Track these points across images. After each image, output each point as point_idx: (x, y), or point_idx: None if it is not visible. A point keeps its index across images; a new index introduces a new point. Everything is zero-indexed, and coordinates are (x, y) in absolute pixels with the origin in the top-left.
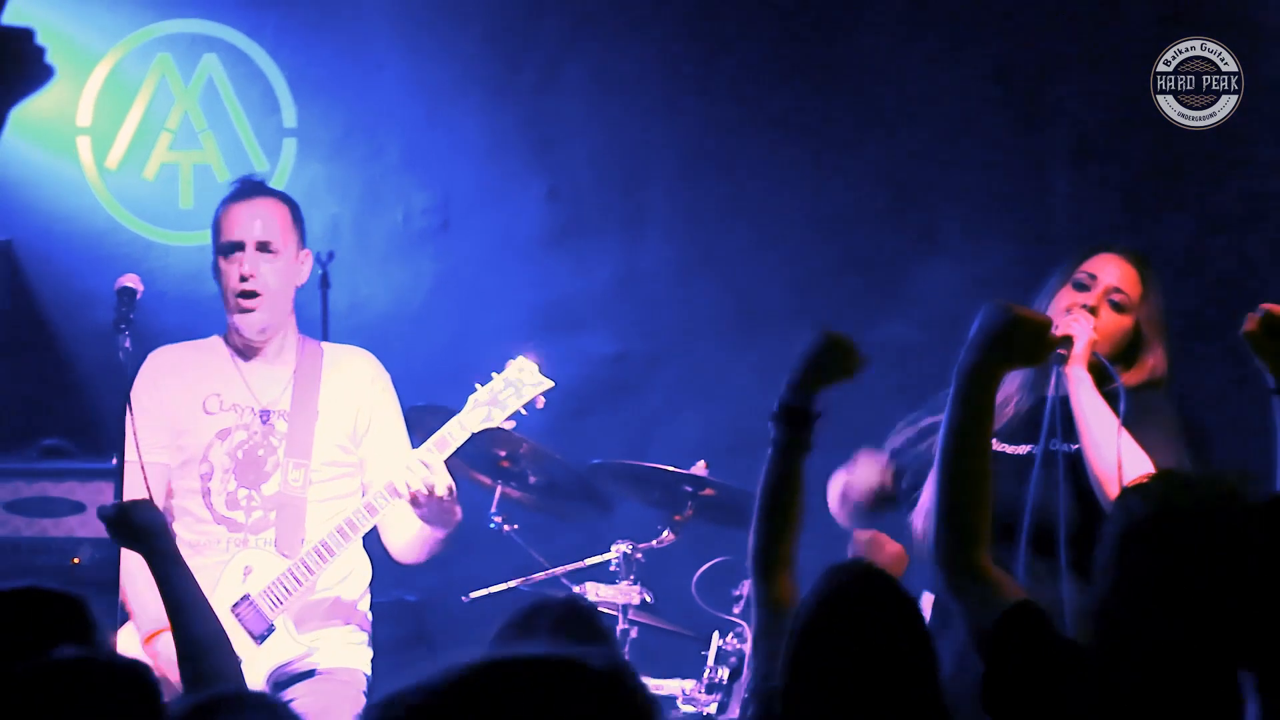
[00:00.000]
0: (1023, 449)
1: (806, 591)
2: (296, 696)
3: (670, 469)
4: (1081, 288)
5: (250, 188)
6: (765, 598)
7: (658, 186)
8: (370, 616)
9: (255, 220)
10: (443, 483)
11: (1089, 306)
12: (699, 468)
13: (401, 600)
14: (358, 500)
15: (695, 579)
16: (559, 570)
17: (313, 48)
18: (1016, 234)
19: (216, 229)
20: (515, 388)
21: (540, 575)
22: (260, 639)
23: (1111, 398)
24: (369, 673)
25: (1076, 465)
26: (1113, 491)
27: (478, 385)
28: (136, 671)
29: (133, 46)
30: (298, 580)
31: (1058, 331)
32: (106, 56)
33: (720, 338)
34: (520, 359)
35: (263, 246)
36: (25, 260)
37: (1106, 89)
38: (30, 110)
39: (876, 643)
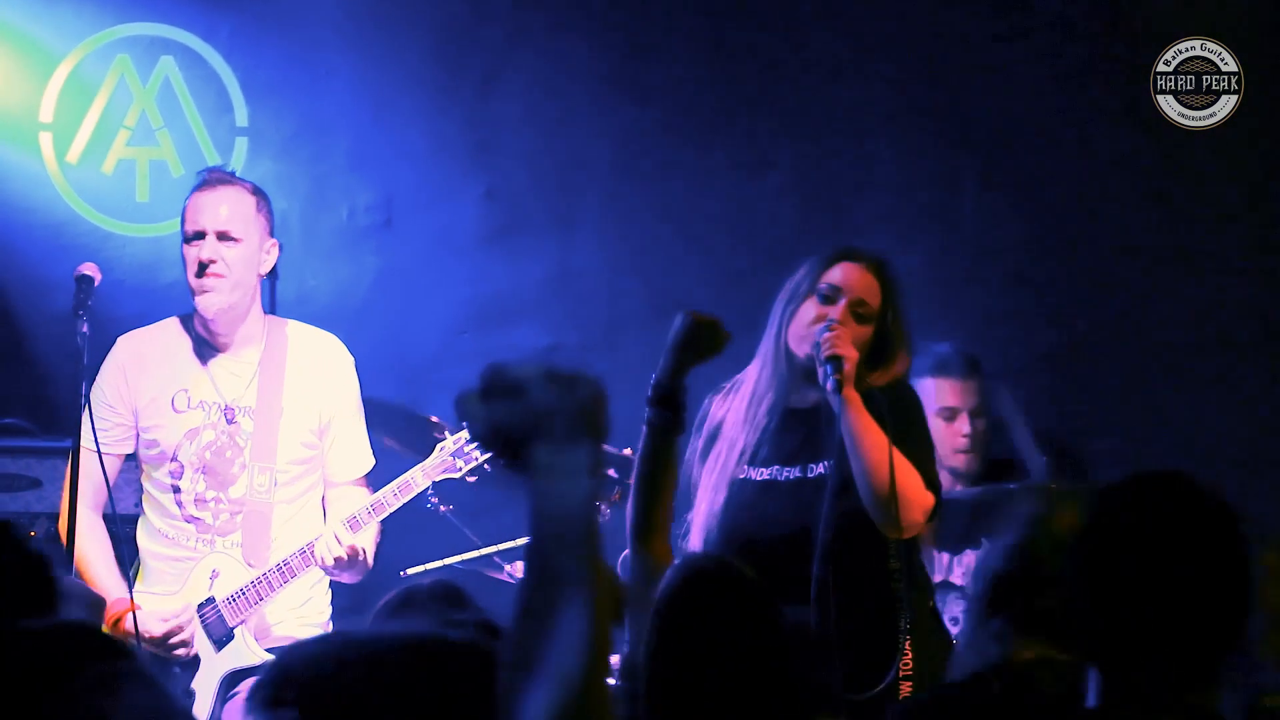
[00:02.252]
0: (765, 473)
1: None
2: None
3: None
4: (827, 300)
5: (216, 178)
6: (641, 564)
7: (590, 189)
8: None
9: (218, 208)
10: (360, 546)
11: (834, 320)
12: (626, 453)
13: None
14: (319, 492)
15: (621, 560)
16: (491, 550)
17: (265, 52)
18: (929, 237)
19: (183, 218)
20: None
21: (474, 554)
22: (219, 644)
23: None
24: None
25: (824, 487)
26: (888, 511)
27: (446, 433)
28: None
29: (94, 48)
30: (259, 595)
31: (825, 352)
32: (69, 57)
33: (647, 331)
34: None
35: (223, 235)
36: None
37: (1107, 89)
38: None
39: (730, 622)
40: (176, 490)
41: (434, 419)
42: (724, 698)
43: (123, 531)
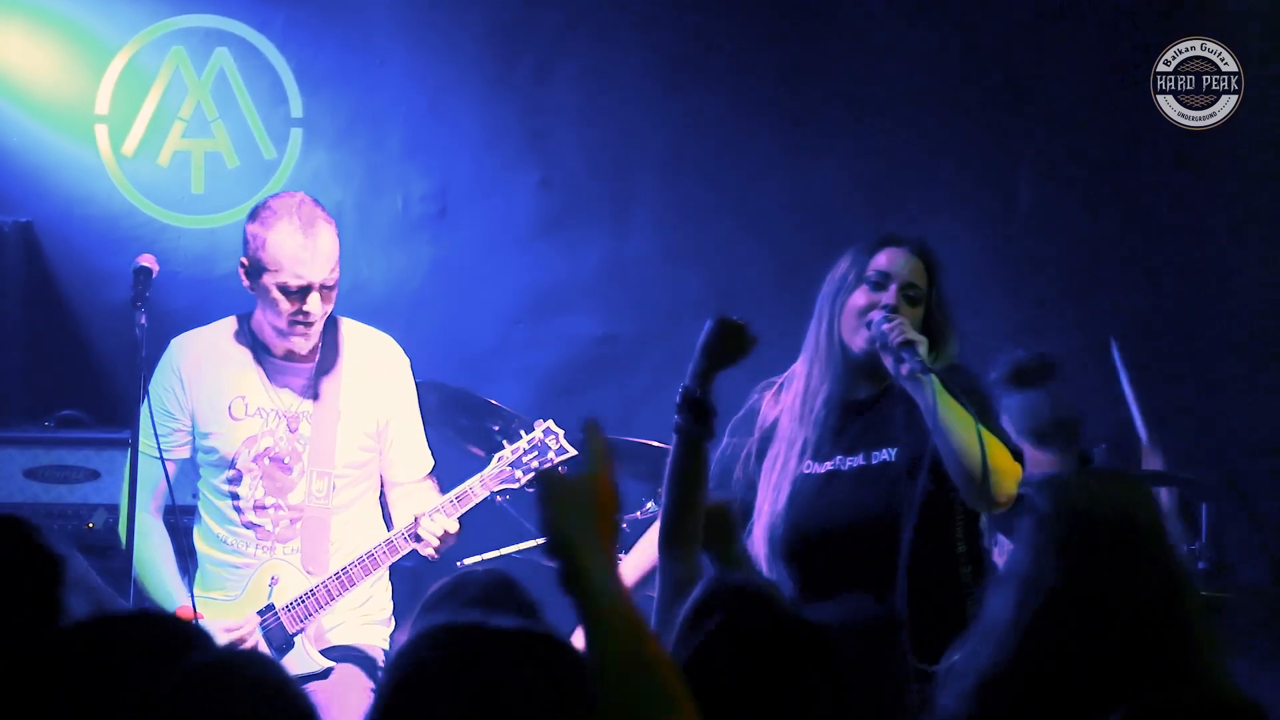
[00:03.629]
0: (827, 465)
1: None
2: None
3: (654, 444)
4: (877, 288)
5: (314, 216)
6: (669, 573)
7: (645, 177)
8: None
9: (326, 262)
10: (452, 530)
11: (890, 306)
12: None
13: (399, 565)
14: (375, 496)
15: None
16: None
17: (319, 42)
18: (981, 224)
19: (272, 255)
20: (540, 452)
21: (530, 544)
22: (280, 652)
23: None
24: (387, 648)
25: (888, 473)
26: (984, 485)
27: (505, 443)
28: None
29: (149, 39)
30: (319, 603)
31: (894, 340)
32: (124, 49)
33: (703, 321)
34: (548, 423)
35: (326, 286)
36: (46, 241)
37: (1107, 89)
38: (51, 98)
39: (759, 639)
40: (235, 497)
41: (493, 402)
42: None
43: (180, 522)
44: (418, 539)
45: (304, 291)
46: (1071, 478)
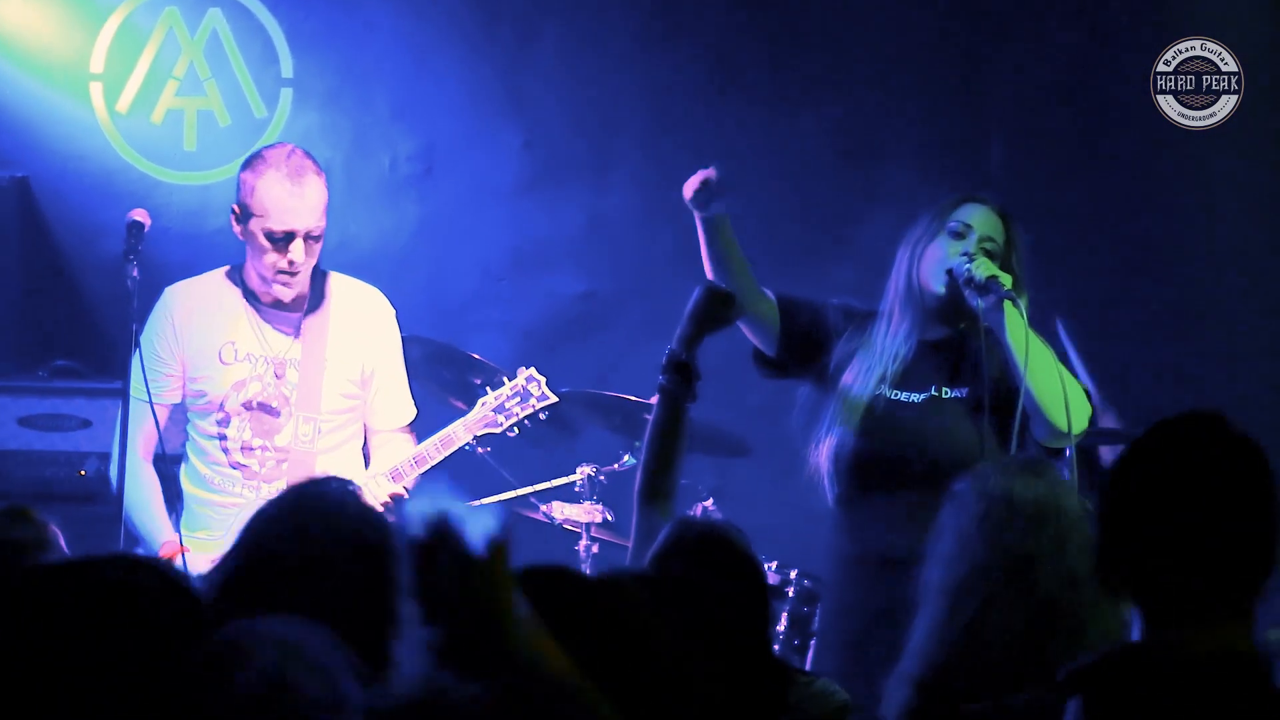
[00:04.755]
0: (899, 394)
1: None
2: None
3: (632, 398)
4: (958, 236)
5: (302, 166)
6: (643, 527)
7: (626, 137)
8: None
9: (312, 210)
10: (397, 492)
11: (969, 254)
12: (653, 402)
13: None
14: (359, 441)
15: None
16: (527, 490)
17: (310, 4)
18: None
19: (260, 203)
20: (522, 398)
21: (509, 494)
22: None
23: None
24: None
25: (959, 407)
26: (1061, 415)
27: (488, 389)
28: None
29: (144, 0)
30: None
31: (979, 274)
32: (119, 8)
33: (681, 279)
34: (530, 370)
35: (311, 236)
36: (41, 196)
37: (1107, 89)
38: (47, 56)
39: (714, 592)
40: (223, 438)
41: (475, 356)
42: (708, 654)
43: (170, 470)
44: None
45: (288, 238)
46: (991, 464)
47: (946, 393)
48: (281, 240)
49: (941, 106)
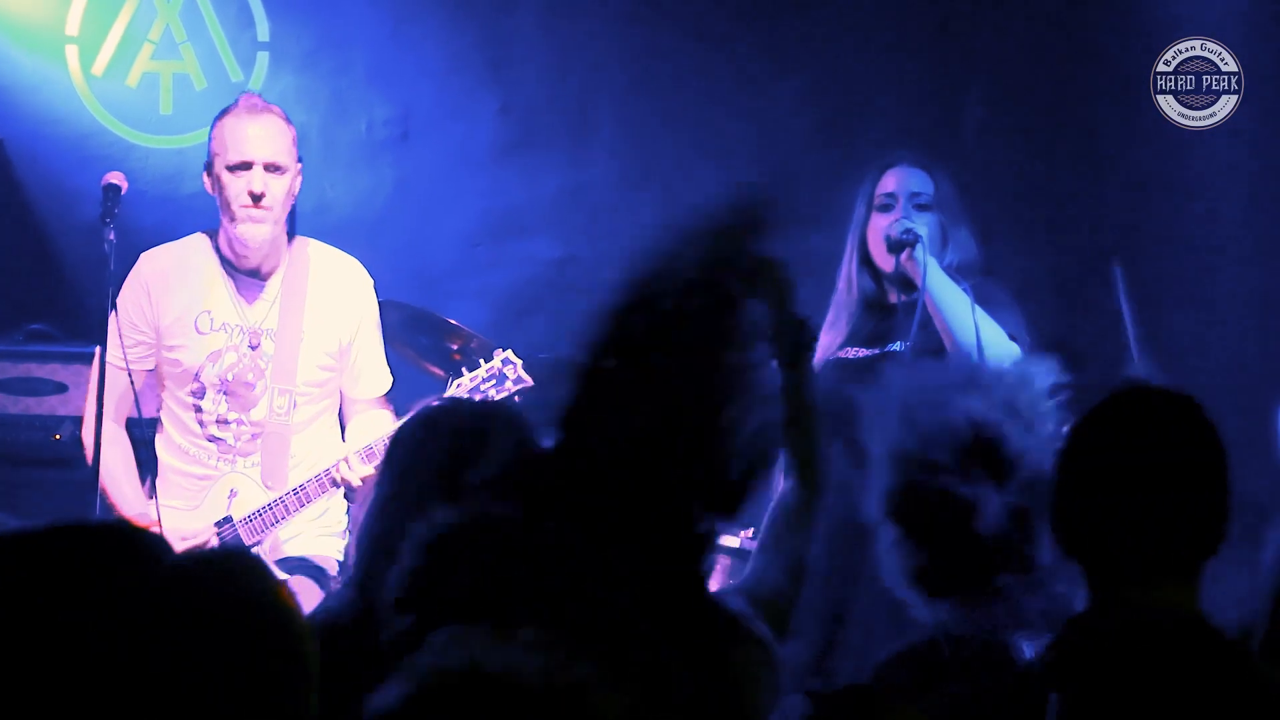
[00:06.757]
0: (849, 353)
1: None
2: None
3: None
4: (886, 209)
5: (256, 105)
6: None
7: (603, 103)
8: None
9: (266, 139)
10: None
11: (900, 219)
12: None
13: None
14: (334, 413)
15: None
16: None
17: None
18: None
19: (220, 141)
20: (497, 380)
21: None
22: None
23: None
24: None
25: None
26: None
27: (463, 370)
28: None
29: None
30: (275, 517)
31: (895, 234)
32: None
33: (659, 245)
34: (507, 352)
35: (271, 167)
36: (16, 159)
37: (1107, 88)
38: (23, 19)
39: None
40: (198, 410)
41: (453, 322)
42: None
43: (146, 435)
44: (335, 484)
45: (246, 167)
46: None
47: (888, 348)
48: (240, 169)
49: (922, 71)
